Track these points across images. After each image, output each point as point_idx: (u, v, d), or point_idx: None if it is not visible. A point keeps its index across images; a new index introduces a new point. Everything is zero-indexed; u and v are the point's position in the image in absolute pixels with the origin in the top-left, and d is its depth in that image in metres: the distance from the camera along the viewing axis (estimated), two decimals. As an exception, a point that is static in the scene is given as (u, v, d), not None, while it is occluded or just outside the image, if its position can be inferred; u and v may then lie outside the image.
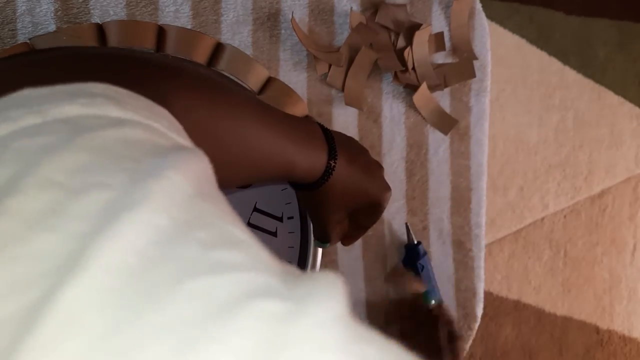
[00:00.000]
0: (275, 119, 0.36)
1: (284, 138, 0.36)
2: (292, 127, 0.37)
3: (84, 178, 0.15)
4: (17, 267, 0.13)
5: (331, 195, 0.41)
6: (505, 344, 1.36)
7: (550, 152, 1.40)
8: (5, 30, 0.47)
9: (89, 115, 0.18)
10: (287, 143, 0.36)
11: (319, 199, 0.41)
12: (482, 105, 0.63)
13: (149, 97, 0.23)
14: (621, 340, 1.51)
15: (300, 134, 0.38)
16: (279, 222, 0.51)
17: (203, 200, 0.17)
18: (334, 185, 0.40)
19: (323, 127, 0.41)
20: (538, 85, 1.38)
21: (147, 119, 0.20)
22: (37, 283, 0.13)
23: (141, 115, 0.20)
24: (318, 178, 0.39)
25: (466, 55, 0.61)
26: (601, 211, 1.48)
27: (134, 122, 0.19)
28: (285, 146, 0.36)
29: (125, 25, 0.46)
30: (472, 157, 0.63)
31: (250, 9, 0.54)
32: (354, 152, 0.42)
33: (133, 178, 0.16)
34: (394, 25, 0.58)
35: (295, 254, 0.51)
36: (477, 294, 0.63)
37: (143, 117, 0.20)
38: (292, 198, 0.51)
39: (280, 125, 0.36)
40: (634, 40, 1.50)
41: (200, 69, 0.34)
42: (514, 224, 1.37)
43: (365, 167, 0.43)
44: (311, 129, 0.39)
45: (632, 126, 1.51)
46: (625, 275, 1.52)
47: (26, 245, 0.13)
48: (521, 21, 1.35)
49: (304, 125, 0.39)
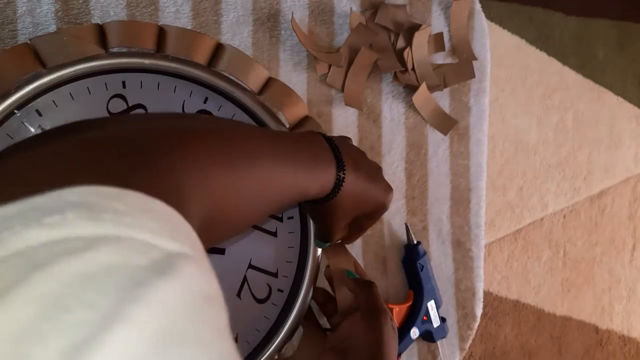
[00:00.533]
0: (287, 150, 0.36)
1: (296, 168, 0.36)
2: (302, 151, 0.37)
3: (19, 347, 0.13)
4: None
5: (341, 206, 0.41)
6: (505, 344, 1.36)
7: (550, 152, 1.40)
8: (6, 30, 0.47)
9: (52, 240, 0.16)
10: (299, 172, 0.36)
11: (329, 211, 0.41)
12: (481, 105, 0.63)
13: (158, 177, 0.22)
14: (620, 340, 1.52)
15: (310, 157, 0.37)
16: (279, 222, 0.51)
17: (179, 345, 0.15)
18: (344, 195, 0.40)
19: (326, 136, 0.41)
20: (537, 85, 1.38)
21: (130, 228, 0.17)
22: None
23: (123, 224, 0.17)
24: (329, 192, 0.39)
25: (466, 55, 0.61)
26: (600, 211, 1.48)
27: (109, 239, 0.17)
28: (298, 176, 0.36)
29: (126, 25, 0.46)
30: (471, 157, 0.63)
31: (250, 10, 0.54)
32: (357, 157, 0.42)
33: (84, 335, 0.14)
34: (393, 26, 0.58)
35: (295, 254, 0.51)
36: (476, 293, 0.63)
37: (125, 225, 0.17)
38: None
39: (291, 155, 0.36)
40: (634, 41, 1.50)
41: (209, 124, 0.33)
42: (514, 224, 1.37)
43: (368, 171, 0.42)
44: (317, 145, 0.39)
45: (632, 126, 1.51)
46: (624, 275, 1.52)
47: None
48: (521, 21, 1.35)
49: (311, 143, 0.39)
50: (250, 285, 0.50)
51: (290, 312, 0.49)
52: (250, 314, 0.50)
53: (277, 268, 0.51)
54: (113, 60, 0.45)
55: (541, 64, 1.38)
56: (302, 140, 0.38)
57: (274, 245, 0.51)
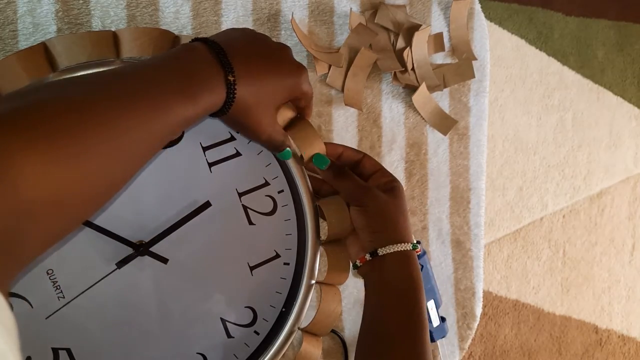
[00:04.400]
0: (140, 94, 0.32)
1: (163, 101, 0.33)
2: (170, 75, 0.34)
3: None
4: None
5: (245, 107, 0.38)
6: (505, 344, 1.36)
7: (549, 152, 1.40)
8: (6, 31, 0.48)
9: None
10: (169, 103, 0.33)
11: (237, 117, 0.39)
12: (481, 105, 0.63)
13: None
14: (620, 340, 1.52)
15: (184, 78, 0.35)
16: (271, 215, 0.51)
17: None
18: (243, 96, 0.38)
19: (208, 40, 0.38)
20: (537, 85, 1.38)
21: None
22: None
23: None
24: (224, 102, 0.37)
25: (465, 55, 0.61)
26: (600, 211, 1.48)
27: None
28: (167, 109, 0.33)
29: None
30: (471, 157, 0.63)
31: (250, 10, 0.54)
32: (248, 48, 0.39)
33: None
34: (393, 26, 0.58)
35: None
36: (476, 293, 0.63)
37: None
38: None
39: (151, 88, 0.33)
40: (633, 41, 1.51)
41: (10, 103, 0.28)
42: (513, 224, 1.37)
43: (265, 58, 0.40)
44: (194, 58, 0.36)
45: (631, 126, 1.51)
46: (624, 275, 1.52)
47: None
48: (520, 22, 1.35)
49: (185, 61, 0.36)
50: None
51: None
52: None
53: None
54: None
55: (541, 64, 1.39)
56: (174, 61, 0.36)
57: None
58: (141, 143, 0.32)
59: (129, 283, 0.46)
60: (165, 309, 0.47)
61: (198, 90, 0.35)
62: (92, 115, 0.29)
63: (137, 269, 0.46)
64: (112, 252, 0.45)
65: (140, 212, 0.46)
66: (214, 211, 0.47)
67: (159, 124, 0.33)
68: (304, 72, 0.42)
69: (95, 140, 0.29)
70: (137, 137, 0.32)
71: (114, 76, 0.33)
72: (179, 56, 0.36)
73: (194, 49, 0.37)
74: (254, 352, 0.50)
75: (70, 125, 0.28)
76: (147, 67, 0.35)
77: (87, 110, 0.29)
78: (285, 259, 0.51)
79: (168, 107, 0.33)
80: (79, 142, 0.28)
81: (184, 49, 0.37)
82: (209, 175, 0.48)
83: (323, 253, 0.52)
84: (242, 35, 0.41)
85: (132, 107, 0.31)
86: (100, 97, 0.31)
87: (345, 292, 0.58)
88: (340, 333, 0.58)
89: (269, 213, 0.50)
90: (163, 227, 0.46)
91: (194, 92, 0.35)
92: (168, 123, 0.33)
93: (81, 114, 0.29)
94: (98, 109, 0.30)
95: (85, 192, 0.30)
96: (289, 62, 0.42)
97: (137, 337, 0.47)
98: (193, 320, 0.48)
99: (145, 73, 0.34)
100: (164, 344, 0.48)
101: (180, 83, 0.34)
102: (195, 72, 0.36)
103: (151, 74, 0.34)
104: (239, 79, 0.37)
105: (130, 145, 0.31)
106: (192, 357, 0.48)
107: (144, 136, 0.32)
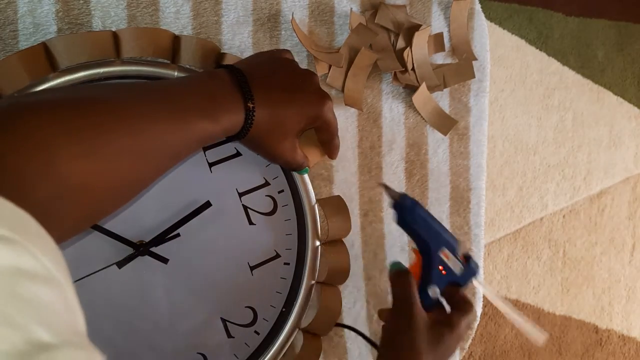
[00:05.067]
0: (165, 105, 0.35)
1: (184, 119, 0.35)
2: (193, 97, 0.36)
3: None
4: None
5: (264, 133, 0.39)
6: (505, 344, 1.36)
7: (549, 152, 1.40)
8: (7, 31, 0.48)
9: None
10: (190, 121, 0.35)
11: (256, 141, 0.40)
12: (481, 105, 0.63)
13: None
14: (620, 340, 1.52)
15: (205, 99, 0.37)
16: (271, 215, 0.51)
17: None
18: (261, 123, 0.39)
19: (230, 68, 0.39)
20: (537, 85, 1.38)
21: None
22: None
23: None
24: (242, 126, 0.38)
25: (465, 55, 0.61)
26: (600, 211, 1.48)
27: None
28: (188, 126, 0.35)
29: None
30: (471, 157, 0.63)
31: (250, 10, 0.54)
32: (271, 76, 0.40)
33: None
34: (393, 26, 0.58)
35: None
36: (476, 293, 0.63)
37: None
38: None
39: (175, 107, 0.35)
40: (633, 41, 1.50)
41: (68, 94, 0.33)
42: (513, 224, 1.37)
43: (287, 86, 0.41)
44: (216, 84, 0.38)
45: (631, 126, 1.51)
46: (624, 275, 1.52)
47: None
48: (520, 22, 1.35)
49: (207, 85, 0.38)
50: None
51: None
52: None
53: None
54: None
55: (541, 64, 1.39)
56: (197, 84, 0.37)
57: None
58: (161, 151, 0.35)
59: (128, 283, 0.46)
60: (165, 309, 0.48)
61: (218, 111, 0.37)
62: (123, 118, 0.32)
63: (137, 269, 0.46)
64: (113, 252, 0.45)
65: (141, 212, 0.46)
66: (214, 211, 0.47)
67: (178, 136, 0.35)
68: (327, 102, 0.42)
69: (123, 141, 0.32)
70: (159, 144, 0.34)
71: (143, 88, 0.37)
72: (203, 80, 0.39)
73: (217, 75, 0.39)
74: (254, 352, 0.50)
75: (103, 123, 0.31)
76: (174, 85, 0.38)
77: (120, 113, 0.32)
78: (285, 259, 0.51)
79: (188, 122, 0.35)
80: (110, 140, 0.31)
81: (208, 75, 0.40)
82: (209, 175, 0.48)
83: (323, 253, 0.52)
84: (267, 60, 0.42)
85: (156, 117, 0.34)
86: (132, 103, 0.34)
87: (345, 292, 0.58)
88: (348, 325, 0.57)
89: (269, 213, 0.50)
90: (163, 227, 0.46)
91: (214, 113, 0.37)
92: (187, 137, 0.36)
93: (114, 116, 0.32)
94: (129, 113, 0.33)
95: (110, 184, 0.32)
96: (312, 91, 0.42)
97: (137, 337, 0.47)
98: (193, 320, 0.48)
99: (172, 90, 0.37)
100: (164, 344, 0.48)
101: (202, 103, 0.37)
102: (216, 96, 0.38)
103: (177, 92, 0.37)
104: (258, 105, 0.38)
105: (152, 151, 0.34)
106: (192, 357, 0.48)
107: (164, 145, 0.35)
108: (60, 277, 0.20)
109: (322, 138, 0.46)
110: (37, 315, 0.18)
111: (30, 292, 0.18)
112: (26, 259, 0.19)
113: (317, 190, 0.52)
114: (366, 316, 0.59)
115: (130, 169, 0.33)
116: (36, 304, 0.18)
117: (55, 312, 0.19)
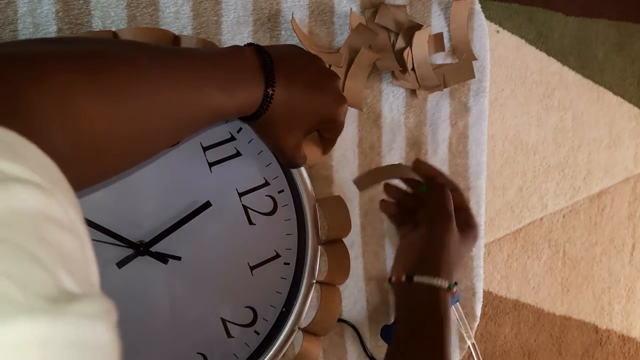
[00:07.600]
0: (188, 71, 0.35)
1: (203, 87, 0.35)
2: (218, 69, 0.36)
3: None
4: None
5: (276, 121, 0.40)
6: (505, 344, 1.36)
7: (549, 152, 1.40)
8: (7, 31, 0.48)
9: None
10: (208, 91, 0.35)
11: (266, 127, 0.40)
12: (481, 105, 0.63)
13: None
14: (620, 340, 1.52)
15: (228, 74, 0.37)
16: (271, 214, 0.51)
17: None
18: (276, 111, 0.39)
19: (261, 49, 0.39)
20: (537, 85, 1.38)
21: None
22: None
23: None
24: (257, 109, 0.38)
25: (465, 55, 0.61)
26: (600, 211, 1.48)
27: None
28: (204, 96, 0.35)
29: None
30: (471, 157, 0.63)
31: (250, 10, 0.54)
32: (297, 69, 0.40)
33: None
34: (393, 26, 0.58)
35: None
36: (476, 293, 0.63)
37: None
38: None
39: (200, 75, 0.35)
40: (633, 41, 1.50)
41: (94, 47, 0.33)
42: (513, 224, 1.37)
43: (310, 83, 0.41)
44: (241, 61, 0.38)
45: (631, 126, 1.51)
46: (624, 275, 1.52)
47: None
48: (520, 22, 1.35)
49: (234, 60, 0.38)
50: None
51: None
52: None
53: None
54: None
55: (541, 64, 1.39)
56: (221, 61, 0.37)
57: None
58: (175, 113, 0.35)
59: (128, 283, 0.46)
60: (165, 309, 0.48)
61: (236, 88, 0.37)
62: (144, 74, 0.33)
63: (137, 269, 0.46)
64: (113, 251, 0.45)
65: (141, 212, 0.46)
66: (214, 211, 0.47)
67: (193, 102, 0.35)
68: (343, 106, 0.43)
69: (142, 96, 0.32)
70: (174, 105, 0.34)
71: (168, 51, 0.37)
72: (229, 54, 0.38)
73: (244, 53, 0.39)
74: (254, 352, 0.50)
75: (124, 76, 0.31)
76: (199, 54, 0.38)
77: (140, 69, 0.33)
78: (285, 259, 0.51)
79: (203, 91, 0.35)
80: (130, 93, 0.31)
81: (235, 49, 0.39)
82: (209, 175, 0.48)
83: (323, 253, 0.52)
84: (298, 54, 0.43)
85: (176, 78, 0.34)
86: (155, 64, 0.34)
87: (346, 292, 0.58)
88: (351, 322, 0.57)
89: (269, 213, 0.50)
90: (163, 227, 0.46)
91: (231, 87, 0.37)
92: (202, 105, 0.36)
93: (135, 70, 0.32)
94: (150, 71, 0.33)
95: (127, 135, 0.32)
96: (332, 92, 0.42)
97: (136, 337, 0.47)
98: (193, 319, 0.48)
99: (197, 58, 0.37)
100: (164, 344, 0.48)
101: (221, 75, 0.36)
102: (237, 72, 0.37)
103: (200, 61, 0.37)
104: (277, 93, 0.38)
105: (168, 110, 0.34)
106: (192, 357, 0.48)
107: (179, 108, 0.35)
108: (80, 228, 0.21)
109: (325, 136, 0.46)
110: (63, 263, 0.18)
111: (56, 239, 0.18)
112: (55, 206, 0.19)
113: (317, 190, 0.53)
114: (366, 316, 0.59)
115: (147, 124, 0.33)
116: (62, 251, 0.18)
117: (78, 261, 0.19)
